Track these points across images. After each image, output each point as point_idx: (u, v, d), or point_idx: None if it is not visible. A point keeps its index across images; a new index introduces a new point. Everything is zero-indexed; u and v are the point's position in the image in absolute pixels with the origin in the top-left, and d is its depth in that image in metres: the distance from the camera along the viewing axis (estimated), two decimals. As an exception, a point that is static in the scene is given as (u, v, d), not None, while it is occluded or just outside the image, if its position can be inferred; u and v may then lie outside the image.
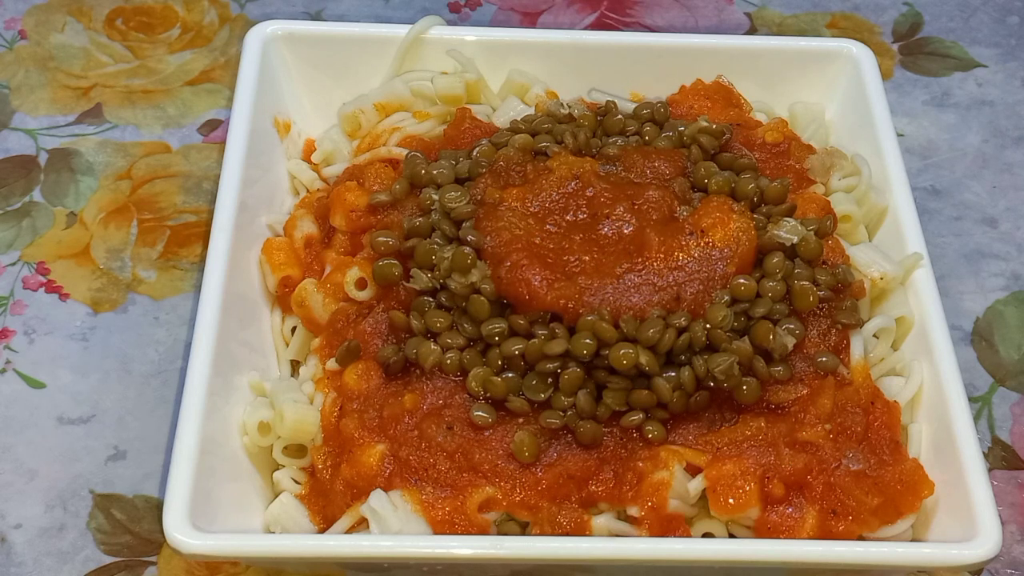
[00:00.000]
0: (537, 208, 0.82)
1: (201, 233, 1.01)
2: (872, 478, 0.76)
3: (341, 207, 0.87)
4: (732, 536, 0.77)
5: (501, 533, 0.76)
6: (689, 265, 0.79)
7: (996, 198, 1.06)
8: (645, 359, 0.75)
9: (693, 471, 0.77)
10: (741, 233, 0.80)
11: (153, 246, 1.00)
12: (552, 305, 0.77)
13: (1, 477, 0.88)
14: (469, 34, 0.98)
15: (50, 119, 1.09)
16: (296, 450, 0.82)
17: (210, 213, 0.91)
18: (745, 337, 0.77)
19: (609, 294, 0.78)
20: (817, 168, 0.90)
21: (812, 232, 0.82)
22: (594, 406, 0.77)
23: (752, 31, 1.17)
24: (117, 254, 1.00)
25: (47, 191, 1.04)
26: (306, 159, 0.97)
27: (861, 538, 0.76)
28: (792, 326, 0.79)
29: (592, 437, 0.76)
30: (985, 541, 0.74)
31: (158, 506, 0.87)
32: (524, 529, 0.77)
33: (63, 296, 0.97)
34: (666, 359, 0.77)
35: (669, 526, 0.76)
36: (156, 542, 0.85)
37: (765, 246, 0.81)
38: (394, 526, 0.75)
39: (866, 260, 0.84)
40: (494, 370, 0.78)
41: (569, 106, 0.91)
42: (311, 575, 0.83)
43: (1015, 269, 1.01)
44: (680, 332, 0.76)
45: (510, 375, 0.77)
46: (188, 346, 0.88)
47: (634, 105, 0.93)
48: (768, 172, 0.88)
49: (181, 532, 0.73)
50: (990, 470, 0.90)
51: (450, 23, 1.04)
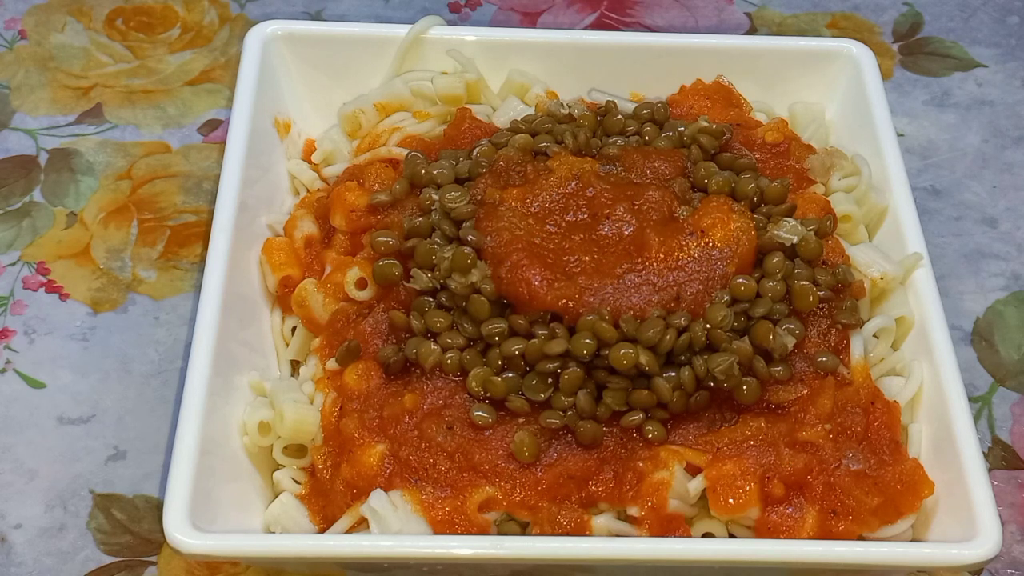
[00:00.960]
0: (537, 208, 0.82)
1: (201, 233, 1.01)
2: (872, 478, 0.76)
3: (341, 207, 0.87)
4: (732, 536, 0.77)
5: (501, 533, 0.76)
6: (689, 265, 0.79)
7: (996, 198, 1.06)
8: (645, 359, 0.75)
9: (693, 471, 0.77)
10: (741, 233, 0.80)
11: (153, 246, 1.00)
12: (552, 305, 0.77)
13: (1, 477, 0.88)
14: (469, 34, 0.98)
15: (50, 119, 1.09)
16: (296, 450, 0.82)
17: (210, 213, 0.91)
18: (745, 337, 0.77)
19: (609, 294, 0.78)
20: (817, 168, 0.90)
21: (812, 232, 0.82)
22: (594, 406, 0.77)
23: (752, 31, 1.17)
24: (117, 254, 1.00)
25: (47, 191, 1.04)
26: (306, 159, 0.97)
27: (861, 538, 0.76)
28: (792, 326, 0.79)
29: (592, 437, 0.76)
30: (985, 541, 0.74)
31: (158, 506, 0.87)
32: (524, 529, 0.77)
33: (63, 296, 0.97)
34: (666, 359, 0.77)
35: (669, 526, 0.76)
36: (156, 542, 0.85)
37: (765, 246, 0.81)
38: (394, 526, 0.75)
39: (866, 260, 0.84)
40: (494, 370, 0.78)
41: (569, 106, 0.91)
42: (311, 575, 0.83)
43: (1015, 269, 1.01)
44: (680, 332, 0.76)
45: (510, 375, 0.77)
46: (188, 346, 0.88)
47: (634, 105, 0.93)
48: (768, 172, 0.88)
49: (181, 532, 0.72)
50: (990, 470, 0.90)
51: (450, 23, 1.04)
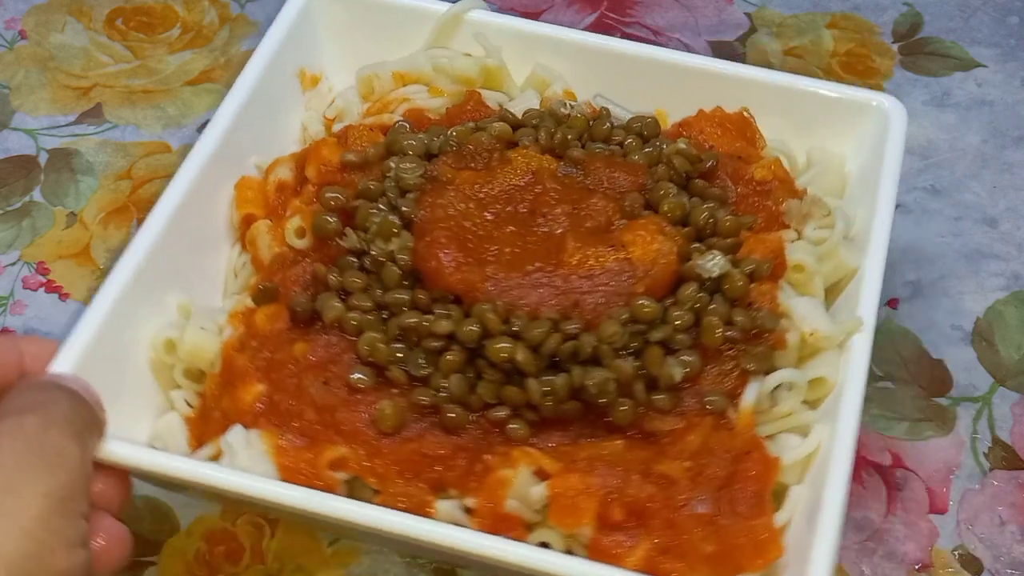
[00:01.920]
0: (483, 195, 0.83)
1: (201, 233, 1.01)
2: (716, 526, 0.74)
3: (316, 160, 0.89)
4: (569, 550, 0.76)
5: (353, 496, 0.76)
6: (598, 276, 0.78)
7: (996, 198, 1.06)
8: (522, 356, 0.75)
9: (546, 478, 0.75)
10: (660, 255, 0.79)
11: (153, 246, 1.00)
12: (453, 286, 0.78)
13: (1, 477, 0.88)
14: (506, 22, 0.98)
15: (50, 119, 1.09)
16: (199, 375, 0.84)
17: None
18: (632, 359, 0.76)
19: (510, 288, 0.78)
20: (794, 214, 0.87)
21: (745, 271, 0.80)
22: (467, 392, 0.77)
23: (752, 31, 1.17)
24: (117, 254, 1.00)
25: (47, 191, 1.04)
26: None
27: None
28: (688, 358, 0.77)
29: (455, 422, 0.76)
30: None
31: (158, 506, 0.87)
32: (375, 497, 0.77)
33: (63, 296, 0.98)
34: (550, 363, 0.76)
35: (504, 525, 0.75)
36: (156, 542, 0.85)
37: (686, 274, 0.80)
38: (241, 462, 0.76)
39: (802, 313, 0.81)
40: (389, 339, 0.78)
41: (572, 106, 0.91)
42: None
43: (1015, 269, 1.01)
44: (568, 338, 0.76)
45: (398, 346, 0.78)
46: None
47: (630, 116, 0.93)
48: (743, 209, 0.86)
49: None
50: (990, 470, 0.90)
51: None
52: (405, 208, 0.82)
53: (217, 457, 0.78)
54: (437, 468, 0.76)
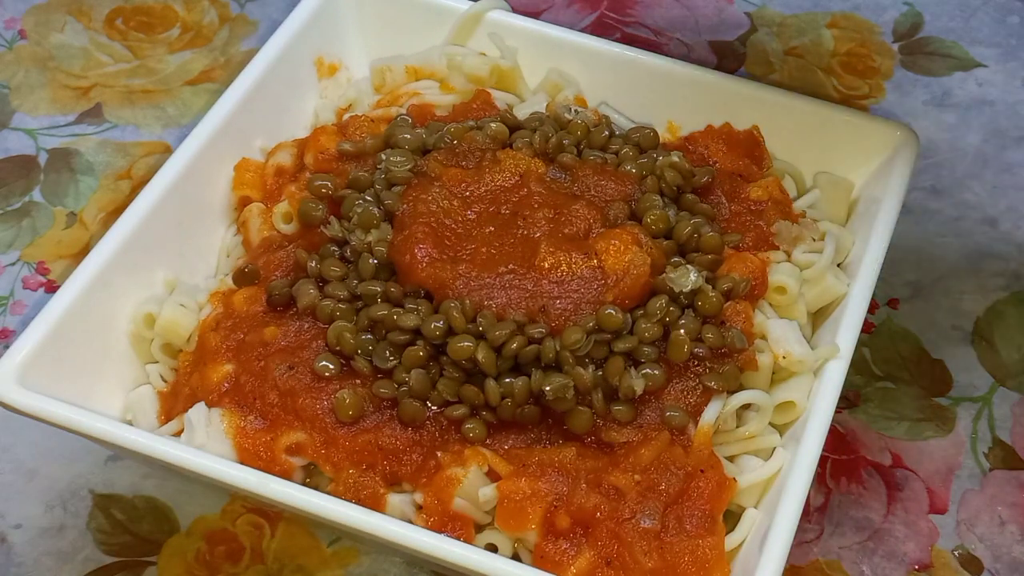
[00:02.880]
0: (469, 193, 0.83)
1: (201, 233, 1.01)
2: (661, 542, 0.74)
3: (314, 147, 0.90)
4: (516, 555, 0.76)
5: (308, 483, 0.77)
6: (568, 282, 0.78)
7: (996, 198, 1.06)
8: (482, 356, 0.75)
9: (498, 479, 0.76)
10: (633, 266, 0.78)
11: (153, 246, 1.00)
12: (423, 281, 0.78)
13: (1, 477, 0.88)
14: (527, 24, 0.98)
15: (50, 119, 1.09)
16: (178, 351, 0.84)
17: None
18: (595, 368, 0.76)
19: (480, 287, 0.78)
20: (784, 235, 0.86)
21: (721, 289, 0.80)
22: (427, 388, 0.77)
23: (752, 31, 1.17)
24: (117, 254, 1.00)
25: (47, 191, 1.04)
26: None
27: None
28: (650, 371, 0.77)
29: (412, 416, 0.77)
30: None
31: (158, 506, 0.87)
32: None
33: (63, 296, 0.97)
34: (514, 365, 0.76)
35: (451, 523, 0.75)
36: (156, 542, 0.85)
37: (658, 287, 0.80)
38: (199, 440, 0.77)
39: (776, 336, 0.81)
40: (359, 330, 0.79)
41: (577, 112, 0.91)
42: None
43: (1015, 269, 1.01)
44: (532, 342, 0.76)
45: (366, 337, 0.78)
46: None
47: (631, 126, 0.93)
48: (735, 227, 0.86)
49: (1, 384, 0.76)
50: (990, 470, 0.90)
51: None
52: (389, 201, 0.82)
53: (180, 433, 0.79)
54: (391, 461, 0.77)
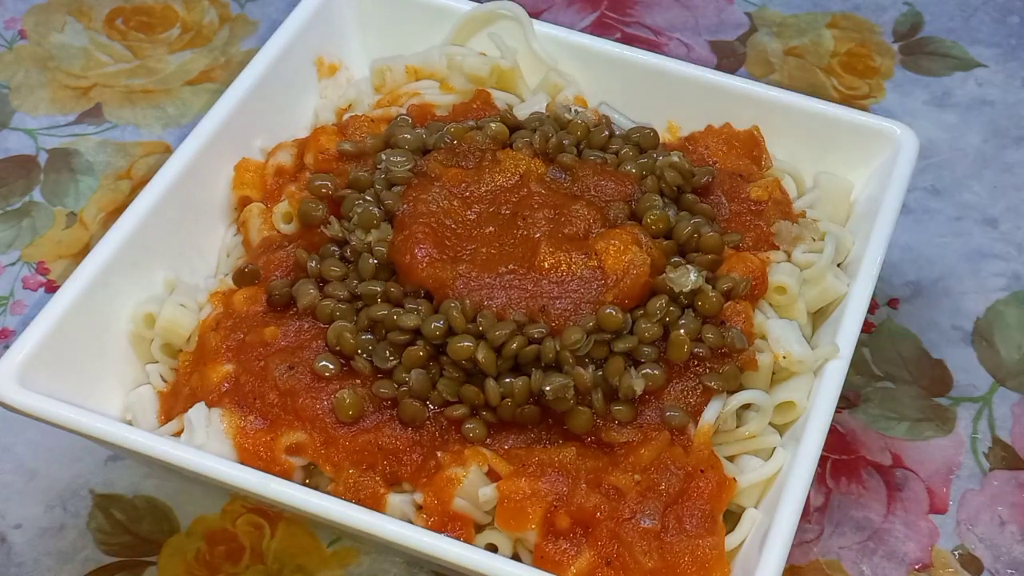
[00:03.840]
0: (469, 193, 0.83)
1: (201, 233, 1.01)
2: (661, 542, 0.74)
3: (314, 147, 0.90)
4: (516, 555, 0.76)
5: (309, 484, 0.77)
6: (568, 282, 0.78)
7: (996, 198, 1.06)
8: (482, 356, 0.75)
9: (498, 479, 0.76)
10: (633, 266, 0.78)
11: (153, 246, 1.00)
12: (424, 281, 0.78)
13: (1, 477, 0.88)
14: (535, 26, 0.98)
15: (50, 119, 1.09)
16: (178, 352, 0.84)
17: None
18: (595, 368, 0.76)
19: (481, 287, 0.78)
20: (783, 235, 0.86)
21: (721, 289, 0.80)
22: (428, 388, 0.77)
23: (752, 31, 1.17)
24: (117, 254, 1.00)
25: (47, 191, 1.04)
26: None
27: None
28: (650, 371, 0.77)
29: (412, 417, 0.77)
30: None
31: (158, 506, 0.87)
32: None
33: (63, 296, 0.97)
34: (514, 365, 0.76)
35: (451, 523, 0.75)
36: (156, 542, 0.85)
37: (658, 287, 0.79)
38: (199, 440, 0.77)
39: (776, 336, 0.81)
40: (360, 330, 0.79)
41: (577, 112, 0.91)
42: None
43: (1015, 269, 1.01)
44: (532, 342, 0.76)
45: (366, 337, 0.78)
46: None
47: (631, 126, 0.93)
48: (735, 227, 0.86)
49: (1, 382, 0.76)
50: (990, 470, 0.90)
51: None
52: (389, 201, 0.82)
53: (180, 433, 0.78)
54: (391, 461, 0.76)
